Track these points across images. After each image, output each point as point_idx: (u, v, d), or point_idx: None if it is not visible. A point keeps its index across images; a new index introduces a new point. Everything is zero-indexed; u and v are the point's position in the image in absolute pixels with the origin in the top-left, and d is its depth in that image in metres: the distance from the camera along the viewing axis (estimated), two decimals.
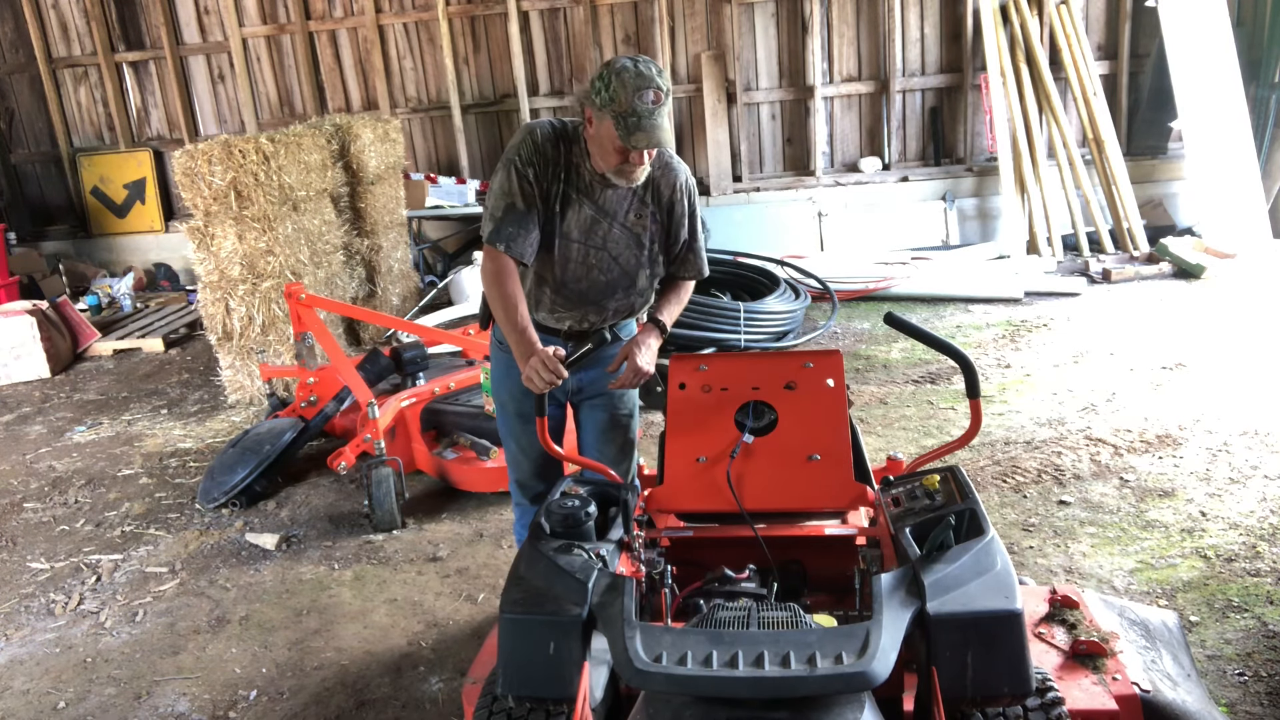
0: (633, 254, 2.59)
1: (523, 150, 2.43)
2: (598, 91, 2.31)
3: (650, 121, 2.27)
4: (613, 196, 2.51)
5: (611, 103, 2.27)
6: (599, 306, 2.63)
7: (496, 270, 2.45)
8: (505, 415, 2.81)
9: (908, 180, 8.13)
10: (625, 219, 2.54)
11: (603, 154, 2.39)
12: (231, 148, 5.38)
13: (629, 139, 2.28)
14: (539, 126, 2.46)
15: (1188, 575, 3.18)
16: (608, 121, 2.29)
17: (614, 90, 2.27)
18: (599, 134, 2.35)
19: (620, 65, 2.30)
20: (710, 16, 8.13)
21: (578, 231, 2.51)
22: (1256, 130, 7.12)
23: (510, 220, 2.41)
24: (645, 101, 2.27)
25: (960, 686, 1.65)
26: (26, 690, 3.10)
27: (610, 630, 1.65)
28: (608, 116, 2.29)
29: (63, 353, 6.79)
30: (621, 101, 2.26)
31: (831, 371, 2.40)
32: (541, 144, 2.43)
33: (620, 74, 2.27)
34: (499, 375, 2.77)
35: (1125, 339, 5.57)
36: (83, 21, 8.80)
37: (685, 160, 9.22)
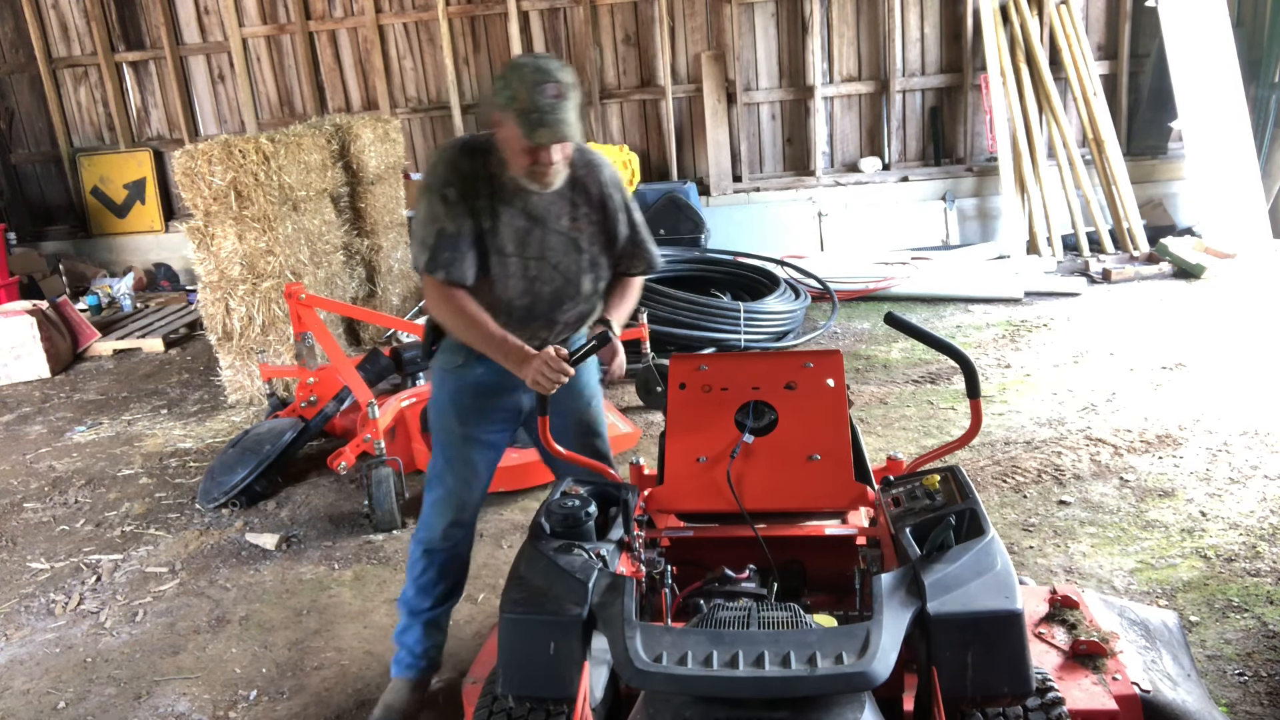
0: (572, 260, 2.49)
1: (438, 171, 2.37)
2: (498, 92, 2.24)
3: (553, 116, 2.20)
4: (540, 203, 2.41)
5: (513, 101, 2.20)
6: (549, 320, 2.52)
7: (445, 296, 2.37)
8: (449, 442, 2.62)
9: (908, 180, 8.13)
10: (559, 224, 2.45)
11: (512, 157, 2.31)
12: (231, 148, 5.38)
13: (532, 135, 2.21)
14: (449, 144, 2.42)
15: (1188, 575, 3.18)
16: (511, 121, 2.23)
17: (514, 88, 2.20)
18: (506, 136, 2.28)
19: (518, 62, 2.26)
20: (710, 16, 8.13)
21: (512, 245, 2.41)
22: (1256, 130, 7.12)
23: (444, 245, 2.33)
24: (545, 96, 2.19)
25: (960, 686, 1.65)
26: (26, 690, 3.10)
27: (610, 630, 1.65)
28: (510, 116, 2.22)
29: (63, 353, 6.79)
30: (522, 99, 2.19)
31: (831, 371, 2.40)
32: (455, 161, 2.36)
33: (518, 70, 2.22)
34: (444, 401, 2.61)
35: (1125, 339, 5.57)
36: (83, 21, 8.80)
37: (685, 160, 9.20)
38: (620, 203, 2.56)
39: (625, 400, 5.19)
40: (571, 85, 2.24)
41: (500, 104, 2.24)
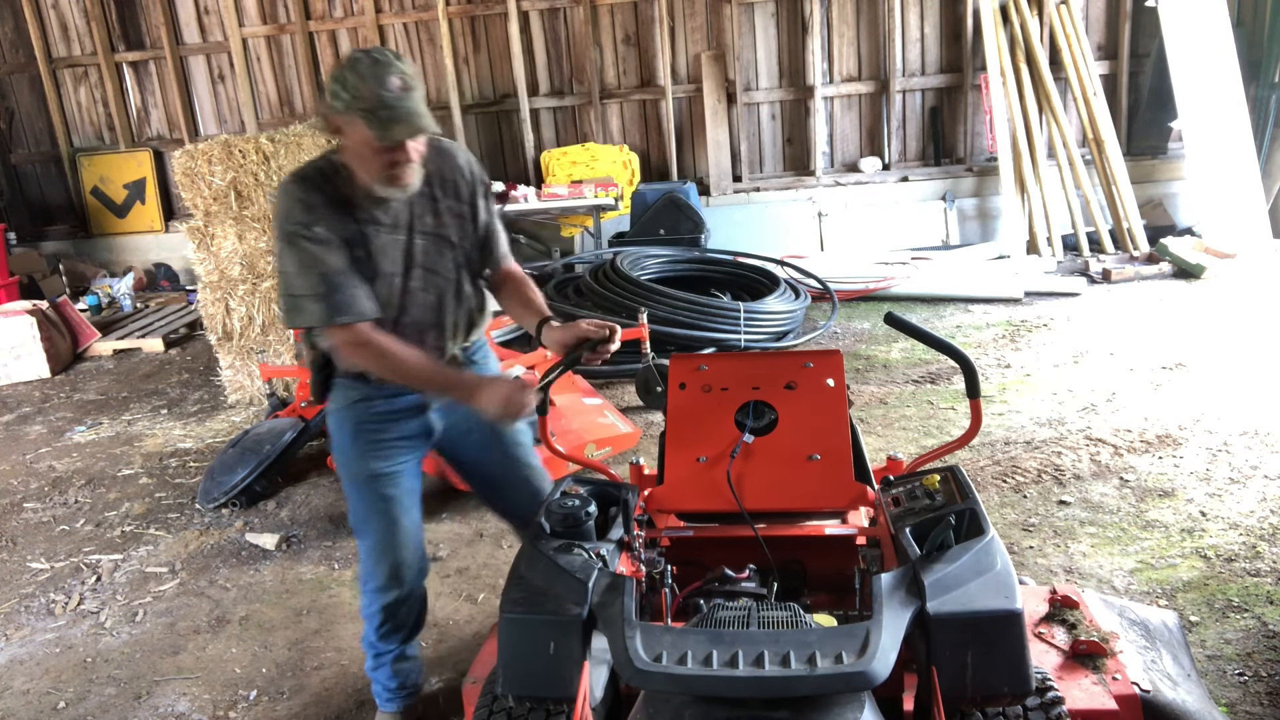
0: (446, 260, 2.35)
1: (293, 214, 2.15)
2: (335, 94, 2.05)
3: (404, 109, 2.04)
4: (400, 210, 2.25)
5: (355, 100, 2.02)
6: (438, 328, 2.38)
7: (361, 341, 2.18)
8: (363, 486, 2.41)
9: (908, 180, 8.13)
10: (424, 225, 2.29)
11: (364, 163, 2.12)
12: (231, 148, 5.39)
13: (386, 133, 2.03)
14: (288, 184, 2.19)
15: (1188, 575, 3.18)
16: (357, 123, 2.04)
17: (354, 86, 2.02)
18: (354, 142, 2.09)
19: (353, 59, 2.06)
20: (710, 16, 8.13)
21: (388, 263, 2.24)
22: (1256, 130, 7.12)
23: (334, 286, 2.14)
24: (391, 89, 2.02)
25: (960, 686, 1.65)
26: (26, 690, 3.10)
27: (610, 630, 1.65)
28: (355, 117, 2.04)
29: (63, 353, 6.79)
30: (366, 96, 2.01)
31: (831, 371, 2.40)
32: (304, 197, 2.15)
33: (354, 66, 2.03)
34: (347, 443, 2.40)
35: (1125, 339, 5.57)
36: (83, 21, 8.80)
37: (685, 160, 9.15)
38: (480, 189, 2.42)
39: (625, 400, 5.19)
40: (414, 75, 2.09)
41: (341, 107, 2.05)
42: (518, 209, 7.65)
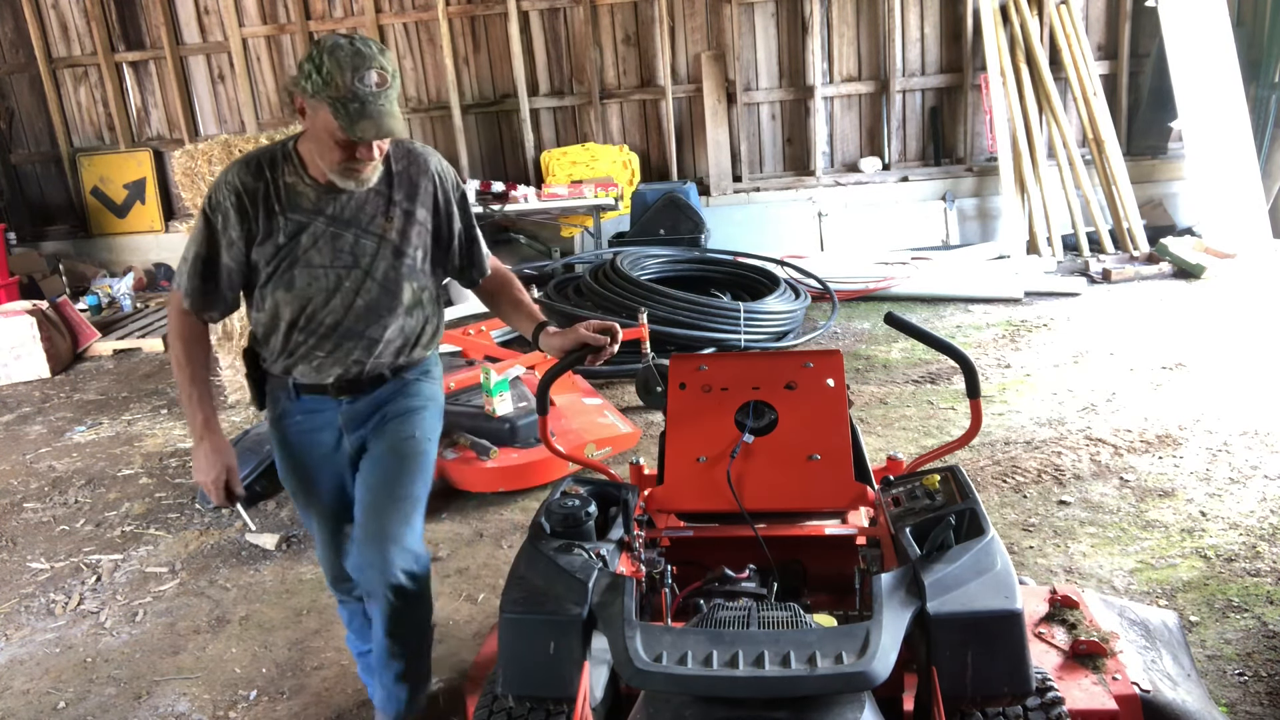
0: (389, 265, 2.20)
1: (215, 193, 2.11)
2: (308, 75, 1.93)
3: (376, 106, 1.93)
4: (350, 203, 2.14)
5: (326, 87, 1.91)
6: (364, 339, 2.22)
7: (176, 324, 2.21)
8: (299, 504, 2.46)
9: (908, 180, 8.13)
10: (372, 225, 2.17)
11: (322, 150, 2.03)
12: (231, 148, 5.39)
13: (353, 128, 1.93)
14: (233, 165, 2.14)
15: (1188, 575, 3.18)
16: (324, 110, 1.94)
17: (328, 72, 1.91)
18: (316, 127, 1.99)
19: (333, 43, 1.94)
20: (710, 16, 8.13)
21: (320, 255, 2.14)
22: (1256, 130, 7.12)
23: (194, 270, 2.14)
24: (367, 84, 1.92)
25: (960, 686, 1.65)
26: (26, 690, 3.10)
27: (610, 630, 1.65)
28: (323, 104, 1.94)
29: (63, 353, 6.79)
30: (338, 85, 1.91)
31: (831, 371, 2.40)
32: (235, 180, 2.09)
33: (334, 52, 1.92)
34: (278, 456, 2.41)
35: (1125, 339, 5.57)
36: (83, 21, 8.80)
37: (685, 160, 9.14)
38: (454, 196, 2.29)
39: (625, 400, 5.19)
40: (394, 72, 1.99)
41: (311, 89, 1.94)
42: (518, 209, 7.65)
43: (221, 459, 2.19)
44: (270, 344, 2.26)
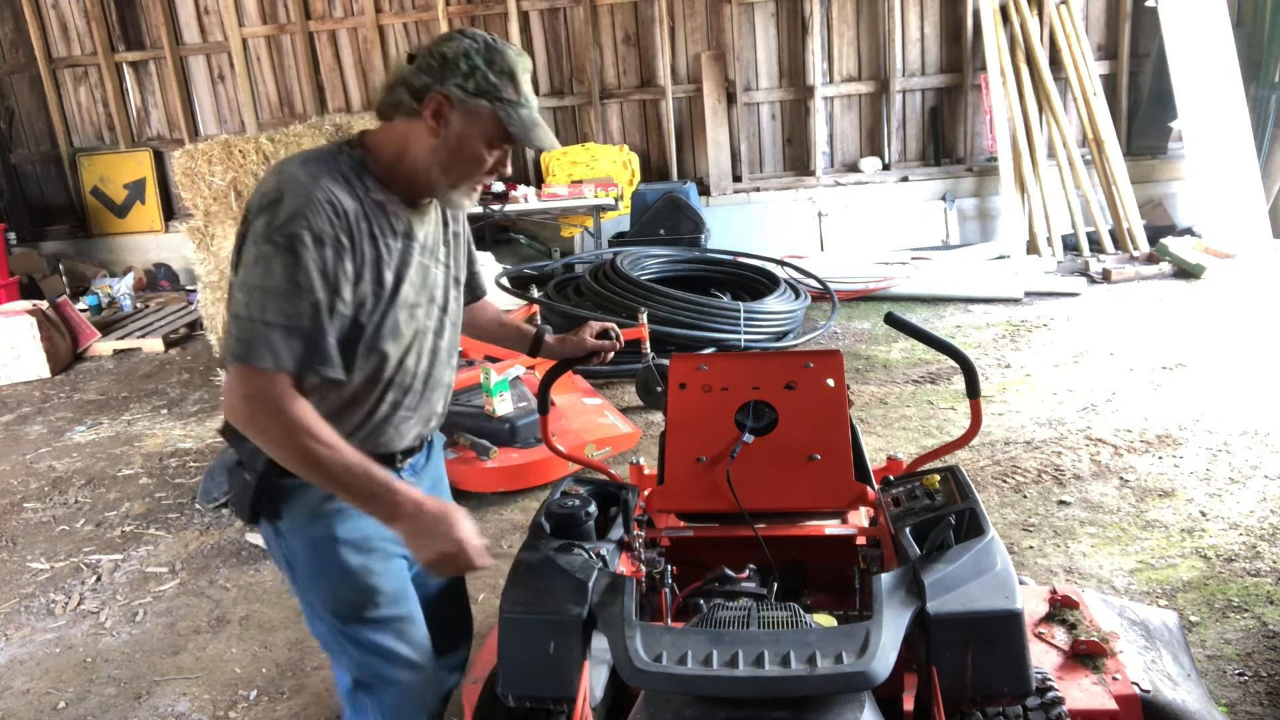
0: (455, 297, 1.94)
1: (304, 216, 1.58)
2: (465, 74, 1.64)
3: (539, 115, 1.73)
4: (430, 232, 1.82)
5: (494, 88, 1.65)
6: (443, 387, 1.94)
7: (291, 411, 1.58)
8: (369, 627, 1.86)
9: (908, 180, 8.13)
10: (438, 252, 1.86)
11: (452, 163, 1.70)
12: (231, 148, 5.39)
13: (529, 136, 1.68)
14: (304, 173, 1.63)
15: (1188, 575, 3.18)
16: (484, 115, 1.66)
17: (498, 70, 1.66)
18: (459, 134, 1.67)
19: (496, 45, 1.67)
20: (710, 16, 8.13)
21: (412, 290, 1.77)
22: (1256, 130, 7.12)
23: (322, 328, 1.60)
24: (531, 91, 1.72)
25: (960, 686, 1.65)
26: (26, 690, 3.10)
27: (610, 630, 1.65)
28: (484, 108, 1.66)
29: (63, 353, 6.79)
30: (511, 88, 1.67)
31: (831, 371, 2.40)
32: (330, 195, 1.62)
33: (501, 53, 1.66)
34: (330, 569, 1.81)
35: (1125, 339, 5.57)
36: (83, 21, 8.80)
37: (685, 160, 9.14)
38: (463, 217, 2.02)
39: (625, 400, 5.19)
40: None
41: (472, 89, 1.65)
42: (518, 209, 7.65)
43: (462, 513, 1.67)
44: (348, 418, 1.76)
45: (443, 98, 1.65)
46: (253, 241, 1.60)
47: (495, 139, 1.70)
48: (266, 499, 1.77)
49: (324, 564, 1.81)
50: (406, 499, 1.62)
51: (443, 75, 1.65)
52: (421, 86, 1.66)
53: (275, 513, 1.79)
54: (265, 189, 1.62)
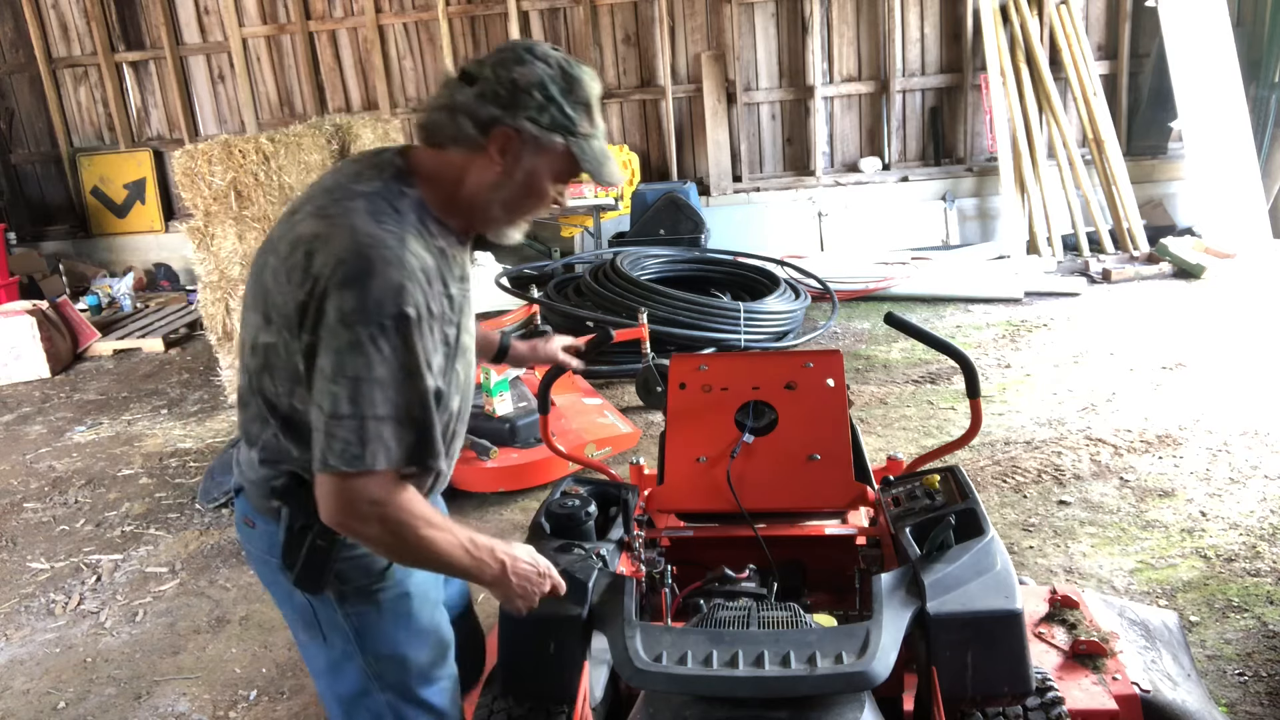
0: (476, 329, 1.82)
1: (410, 287, 1.42)
2: (540, 107, 1.48)
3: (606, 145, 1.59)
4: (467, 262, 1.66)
5: (570, 122, 1.50)
6: (466, 424, 1.79)
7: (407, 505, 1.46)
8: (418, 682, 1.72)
9: (908, 180, 8.13)
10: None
11: (519, 199, 1.56)
12: (231, 148, 5.39)
13: (600, 171, 1.55)
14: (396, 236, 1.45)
15: (1188, 575, 3.18)
16: (557, 150, 1.52)
17: (575, 101, 1.51)
18: (528, 171, 1.53)
19: (562, 63, 1.51)
20: (710, 16, 8.13)
21: (469, 338, 1.66)
22: (1256, 130, 7.12)
23: (410, 418, 1.44)
24: (600, 114, 1.58)
25: (960, 686, 1.65)
26: (26, 690, 3.10)
27: (610, 630, 1.65)
28: (558, 143, 1.51)
29: (63, 353, 6.79)
30: (586, 119, 1.53)
31: (831, 371, 2.40)
32: (423, 259, 1.46)
33: (578, 80, 1.52)
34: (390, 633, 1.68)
35: (1125, 339, 5.57)
36: (83, 21, 8.80)
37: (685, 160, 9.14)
38: None
39: (625, 400, 5.19)
40: None
41: (547, 122, 1.49)
42: None
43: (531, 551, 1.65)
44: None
45: (513, 132, 1.48)
46: (343, 324, 1.38)
47: (564, 173, 1.56)
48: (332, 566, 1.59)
49: (403, 623, 1.67)
50: (503, 557, 1.57)
51: (513, 106, 1.47)
52: (488, 119, 1.48)
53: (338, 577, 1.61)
54: (341, 254, 1.41)
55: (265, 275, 1.52)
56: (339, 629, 1.66)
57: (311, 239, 1.45)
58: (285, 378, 1.51)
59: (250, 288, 1.58)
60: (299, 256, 1.45)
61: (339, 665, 1.69)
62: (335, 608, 1.64)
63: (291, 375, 1.50)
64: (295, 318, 1.45)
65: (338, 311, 1.39)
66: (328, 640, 1.67)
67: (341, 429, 1.40)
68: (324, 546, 1.57)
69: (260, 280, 1.53)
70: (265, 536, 1.65)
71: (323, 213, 1.48)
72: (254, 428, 1.60)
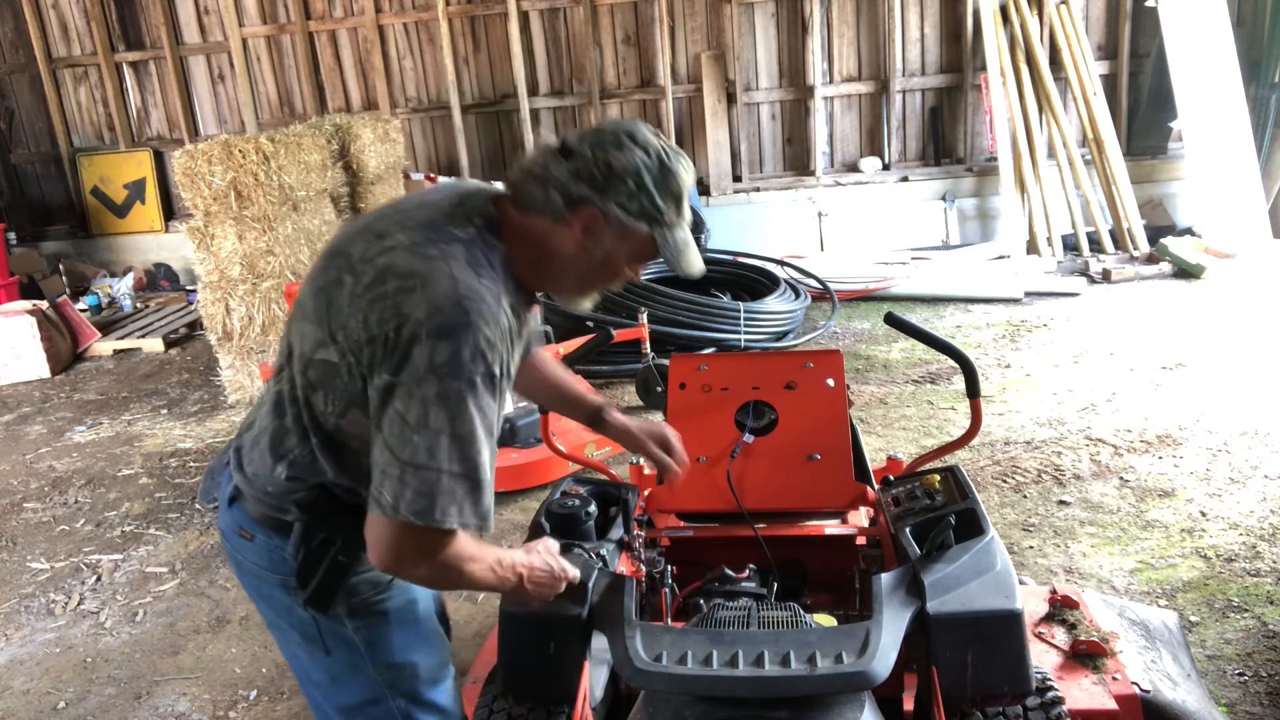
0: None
1: (501, 345, 1.43)
2: (631, 194, 1.48)
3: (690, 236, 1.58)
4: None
5: (658, 212, 1.50)
6: None
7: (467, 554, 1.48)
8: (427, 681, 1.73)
9: (908, 180, 8.13)
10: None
11: (594, 275, 1.59)
12: (231, 148, 5.39)
13: (679, 261, 1.56)
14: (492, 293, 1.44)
15: (1188, 575, 3.18)
16: (640, 236, 1.52)
17: (667, 193, 1.50)
18: (608, 251, 1.53)
19: (661, 153, 1.49)
20: (710, 16, 8.12)
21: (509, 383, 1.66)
22: (1256, 130, 7.12)
23: (491, 476, 1.46)
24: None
25: (960, 686, 1.65)
26: (26, 690, 3.10)
27: (610, 630, 1.65)
28: (642, 230, 1.51)
29: (63, 353, 6.79)
30: (674, 210, 1.52)
31: (831, 371, 2.40)
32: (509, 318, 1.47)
33: (674, 172, 1.51)
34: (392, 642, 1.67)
35: (1125, 339, 5.57)
36: (83, 21, 8.80)
37: None
38: None
39: (625, 400, 5.19)
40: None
41: (635, 210, 1.49)
42: None
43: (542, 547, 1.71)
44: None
45: (600, 214, 1.49)
46: (433, 374, 1.37)
47: (642, 256, 1.57)
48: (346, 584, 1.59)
49: (410, 630, 1.69)
50: (521, 570, 1.60)
51: (605, 190, 1.47)
52: (578, 197, 1.48)
53: (346, 592, 1.61)
54: (440, 302, 1.39)
55: (335, 293, 1.48)
56: (346, 643, 1.65)
57: (407, 275, 1.42)
58: (341, 400, 1.49)
59: (310, 298, 1.53)
60: (388, 289, 1.42)
61: (342, 677, 1.68)
62: (344, 622, 1.63)
63: (350, 399, 1.48)
64: (371, 350, 1.42)
65: (428, 361, 1.37)
66: (331, 654, 1.66)
67: (416, 479, 1.38)
68: (345, 564, 1.57)
69: (327, 295, 1.49)
70: (265, 550, 1.62)
71: (420, 251, 1.45)
72: (287, 440, 1.57)
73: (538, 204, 1.50)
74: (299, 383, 1.54)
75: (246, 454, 1.66)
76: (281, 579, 1.62)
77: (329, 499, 1.56)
